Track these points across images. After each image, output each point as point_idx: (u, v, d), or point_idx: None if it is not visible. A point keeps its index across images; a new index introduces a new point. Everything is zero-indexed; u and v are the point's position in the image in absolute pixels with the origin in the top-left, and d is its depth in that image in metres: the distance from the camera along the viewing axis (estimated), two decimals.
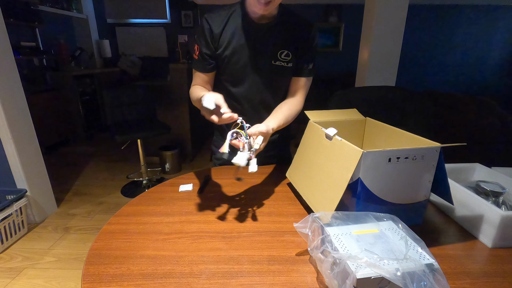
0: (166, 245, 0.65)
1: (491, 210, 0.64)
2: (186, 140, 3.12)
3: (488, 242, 0.66)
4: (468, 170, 0.88)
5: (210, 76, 0.98)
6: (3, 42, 1.76)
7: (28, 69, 3.41)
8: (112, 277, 0.56)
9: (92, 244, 0.66)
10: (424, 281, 0.43)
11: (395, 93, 1.52)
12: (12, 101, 1.83)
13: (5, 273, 1.59)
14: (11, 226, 1.80)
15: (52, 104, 3.33)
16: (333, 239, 0.52)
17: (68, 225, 2.03)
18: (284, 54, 0.92)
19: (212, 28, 0.89)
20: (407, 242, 0.51)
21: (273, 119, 0.85)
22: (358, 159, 0.60)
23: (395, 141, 0.80)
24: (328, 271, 0.50)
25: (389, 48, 2.17)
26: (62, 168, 3.01)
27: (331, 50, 4.60)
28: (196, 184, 0.95)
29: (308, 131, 0.87)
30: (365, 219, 0.58)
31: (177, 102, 2.98)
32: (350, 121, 0.93)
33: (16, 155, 1.86)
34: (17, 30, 3.28)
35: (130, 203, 0.84)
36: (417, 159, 0.63)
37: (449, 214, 0.77)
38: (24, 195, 1.90)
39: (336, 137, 0.70)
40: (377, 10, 2.07)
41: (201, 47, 0.92)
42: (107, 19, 4.45)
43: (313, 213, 0.59)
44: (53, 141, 3.39)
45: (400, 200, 0.67)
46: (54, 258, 1.71)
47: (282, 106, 0.94)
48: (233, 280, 0.55)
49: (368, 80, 2.26)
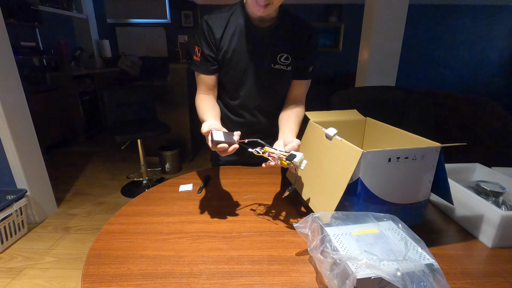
0: (166, 245, 0.65)
1: (491, 210, 0.64)
2: (186, 140, 3.12)
3: (488, 242, 0.66)
4: (468, 170, 0.88)
5: (214, 79, 0.95)
6: (3, 42, 1.76)
7: (28, 69, 3.41)
8: (112, 277, 0.56)
9: (92, 244, 0.66)
10: (423, 282, 0.43)
11: (395, 93, 1.52)
12: (12, 101, 1.83)
13: (5, 273, 1.59)
14: (11, 226, 1.80)
15: (52, 104, 3.33)
16: (332, 239, 0.52)
17: (68, 225, 2.03)
18: (283, 58, 0.91)
19: (213, 30, 0.89)
20: (407, 242, 0.51)
21: (289, 131, 0.85)
22: (358, 159, 0.60)
23: (395, 141, 0.80)
24: (328, 271, 0.50)
25: (389, 48, 2.17)
26: (62, 168, 3.01)
27: (331, 50, 4.60)
28: (196, 184, 0.95)
29: (308, 131, 0.87)
30: (365, 219, 0.58)
31: (177, 102, 2.98)
32: (350, 121, 0.93)
33: (16, 155, 1.86)
34: (17, 30, 3.28)
35: (130, 203, 0.84)
36: (417, 159, 0.63)
37: (449, 214, 0.77)
38: (24, 195, 1.89)
39: (336, 137, 0.70)
40: (377, 10, 2.07)
41: (203, 49, 0.91)
42: (107, 19, 4.45)
43: (313, 213, 0.59)
44: (53, 141, 3.39)
45: (400, 200, 0.67)
46: (54, 258, 1.71)
47: (290, 116, 0.93)
48: (233, 280, 0.55)
49: (368, 80, 2.26)
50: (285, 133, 0.84)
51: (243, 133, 1.01)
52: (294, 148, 0.69)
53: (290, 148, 0.69)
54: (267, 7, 0.77)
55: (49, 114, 3.27)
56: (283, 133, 0.85)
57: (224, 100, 1.05)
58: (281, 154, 0.66)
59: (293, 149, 0.68)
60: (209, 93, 0.96)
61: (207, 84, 0.95)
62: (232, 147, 0.67)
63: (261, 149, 0.68)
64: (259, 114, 1.03)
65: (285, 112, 0.96)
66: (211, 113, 0.83)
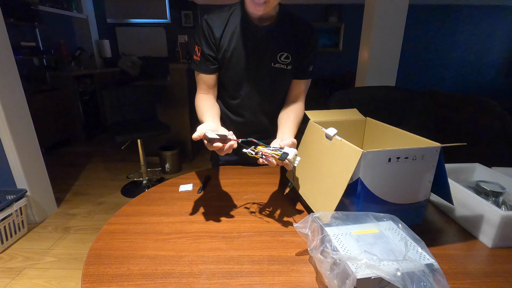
0: (166, 245, 0.65)
1: (491, 210, 0.64)
2: (186, 140, 3.12)
3: (488, 242, 0.66)
4: (468, 170, 0.88)
5: (214, 79, 0.96)
6: (3, 42, 1.76)
7: (28, 69, 3.41)
8: (112, 277, 0.56)
9: (92, 244, 0.65)
10: (423, 282, 0.43)
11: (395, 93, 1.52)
12: (12, 101, 1.83)
13: (5, 273, 1.59)
14: (11, 226, 1.80)
15: (52, 104, 3.34)
16: (332, 239, 0.52)
17: (68, 225, 2.03)
18: (283, 57, 0.91)
19: (213, 30, 0.89)
20: (407, 242, 0.51)
21: (288, 131, 0.86)
22: (358, 159, 0.60)
23: (395, 141, 0.80)
24: (328, 271, 0.50)
25: (389, 48, 2.17)
26: (62, 168, 3.01)
27: (331, 50, 4.61)
28: (196, 184, 0.95)
29: (308, 131, 0.87)
30: (365, 219, 0.58)
31: (177, 102, 2.98)
32: (350, 121, 0.93)
33: (16, 155, 1.86)
34: (17, 30, 3.28)
35: (130, 203, 0.84)
36: (417, 159, 0.63)
37: (449, 214, 0.77)
38: (24, 195, 1.90)
39: (336, 137, 0.70)
40: (377, 10, 2.07)
41: (203, 48, 0.91)
42: (107, 19, 4.45)
43: (313, 213, 0.59)
44: (53, 141, 3.40)
45: (400, 200, 0.67)
46: (54, 258, 1.71)
47: (289, 115, 0.93)
48: (233, 280, 0.55)
49: (368, 80, 2.26)
50: (284, 133, 0.85)
51: (243, 132, 1.01)
52: (288, 144, 0.70)
53: (283, 144, 0.69)
54: (264, 5, 0.77)
55: (49, 114, 3.27)
56: (281, 132, 0.86)
57: (224, 100, 1.05)
58: (274, 154, 0.66)
59: (287, 145, 0.69)
60: (208, 92, 0.96)
61: (207, 84, 0.95)
62: (228, 145, 0.67)
63: (254, 149, 0.68)
64: (259, 113, 1.03)
65: (285, 111, 0.96)
66: (210, 113, 0.83)
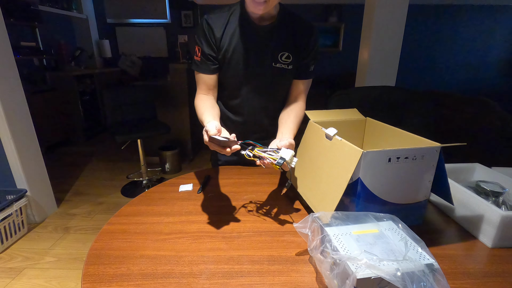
0: (166, 245, 0.65)
1: (491, 210, 0.64)
2: (186, 140, 3.12)
3: (488, 242, 0.66)
4: (468, 170, 0.88)
5: (214, 79, 0.95)
6: (3, 42, 1.76)
7: (28, 69, 3.41)
8: (112, 277, 0.56)
9: (92, 244, 0.66)
10: (423, 282, 0.43)
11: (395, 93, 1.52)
12: (12, 101, 1.83)
13: (5, 273, 1.59)
14: (11, 226, 1.80)
15: (52, 104, 3.34)
16: (332, 239, 0.52)
17: (68, 225, 2.03)
18: (284, 56, 0.91)
19: (213, 29, 0.88)
20: (407, 242, 0.51)
21: (287, 131, 0.85)
22: (358, 159, 0.60)
23: (395, 141, 0.80)
24: (328, 271, 0.50)
25: (389, 48, 2.17)
26: (62, 168, 3.01)
27: (331, 50, 4.60)
28: (196, 184, 0.95)
29: (308, 131, 0.87)
30: (365, 219, 0.58)
31: (177, 102, 2.98)
32: (350, 121, 0.93)
33: (16, 155, 1.86)
34: (17, 30, 3.28)
35: (130, 203, 0.84)
36: (417, 159, 0.63)
37: (449, 214, 0.77)
38: (24, 195, 1.89)
39: (336, 137, 0.70)
40: (377, 10, 2.07)
41: (203, 48, 0.90)
42: (107, 19, 4.45)
43: (313, 213, 0.59)
44: (53, 141, 3.40)
45: (400, 200, 0.67)
46: (54, 258, 1.71)
47: (290, 115, 0.93)
48: (233, 280, 0.55)
49: (368, 80, 2.26)
50: (283, 133, 0.85)
51: (244, 132, 1.01)
52: (286, 145, 0.70)
53: (281, 145, 0.70)
54: (265, 5, 0.77)
55: (49, 114, 3.28)
56: (281, 132, 0.86)
57: (224, 100, 1.05)
58: (271, 158, 0.67)
59: (284, 146, 0.70)
60: (208, 93, 0.96)
61: (207, 84, 0.95)
62: (233, 148, 0.67)
63: (251, 151, 0.69)
64: (260, 113, 1.03)
65: (285, 111, 0.96)
66: (210, 113, 0.83)
